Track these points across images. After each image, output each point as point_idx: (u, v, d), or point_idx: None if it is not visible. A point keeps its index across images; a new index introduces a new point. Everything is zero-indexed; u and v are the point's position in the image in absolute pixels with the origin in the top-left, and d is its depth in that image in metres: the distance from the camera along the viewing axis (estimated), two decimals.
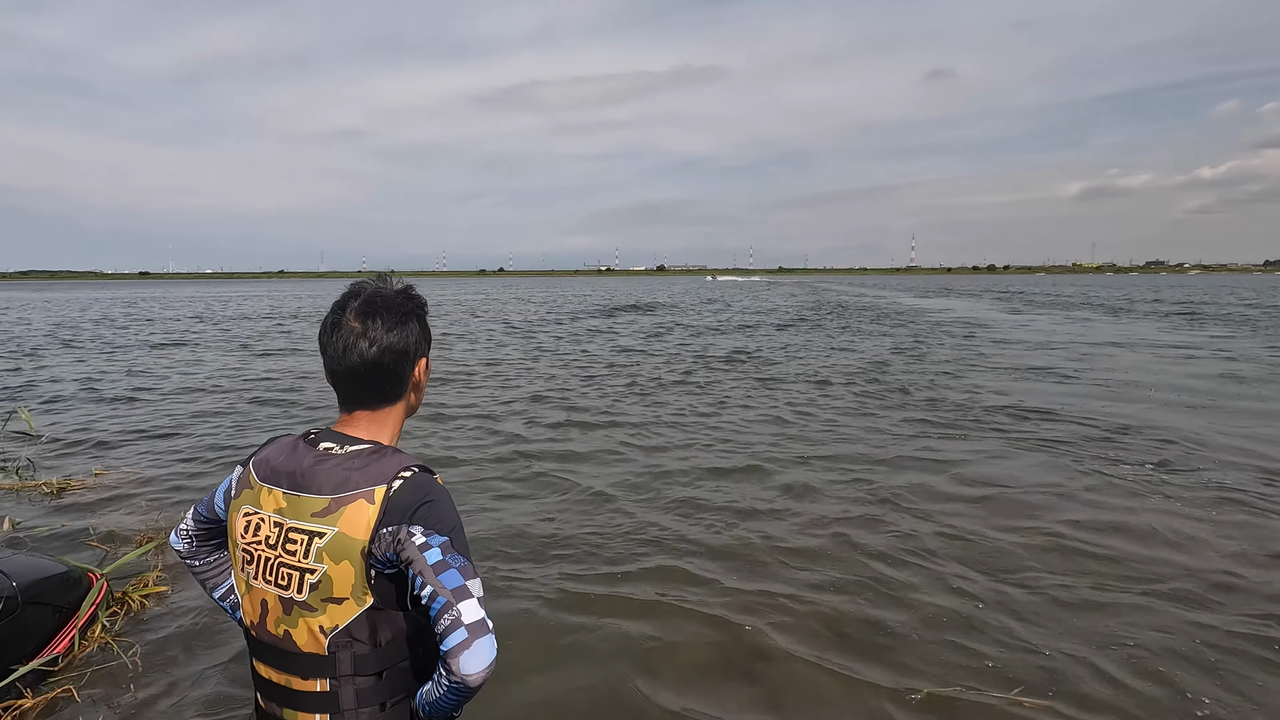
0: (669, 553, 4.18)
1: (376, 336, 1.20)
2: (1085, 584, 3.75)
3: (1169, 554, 4.11)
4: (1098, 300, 37.85)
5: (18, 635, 2.82)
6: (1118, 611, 3.45)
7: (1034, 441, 6.71)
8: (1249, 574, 3.83)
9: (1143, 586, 3.71)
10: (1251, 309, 29.02)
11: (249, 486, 1.21)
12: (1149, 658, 3.06)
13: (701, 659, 3.09)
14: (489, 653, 1.07)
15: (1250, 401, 8.78)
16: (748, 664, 3.05)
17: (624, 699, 2.82)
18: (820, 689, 2.87)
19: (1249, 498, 5.02)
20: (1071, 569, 3.93)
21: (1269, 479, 5.45)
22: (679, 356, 13.93)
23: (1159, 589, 3.69)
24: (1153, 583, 3.75)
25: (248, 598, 1.20)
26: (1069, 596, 3.61)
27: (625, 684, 2.90)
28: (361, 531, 1.10)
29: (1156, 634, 3.25)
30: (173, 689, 2.87)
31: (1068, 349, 14.67)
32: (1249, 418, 7.74)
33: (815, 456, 6.32)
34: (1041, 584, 3.75)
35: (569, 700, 2.82)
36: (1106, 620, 3.37)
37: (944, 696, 2.79)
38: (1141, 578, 3.81)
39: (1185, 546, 4.21)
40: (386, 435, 1.26)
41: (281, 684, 1.17)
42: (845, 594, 3.67)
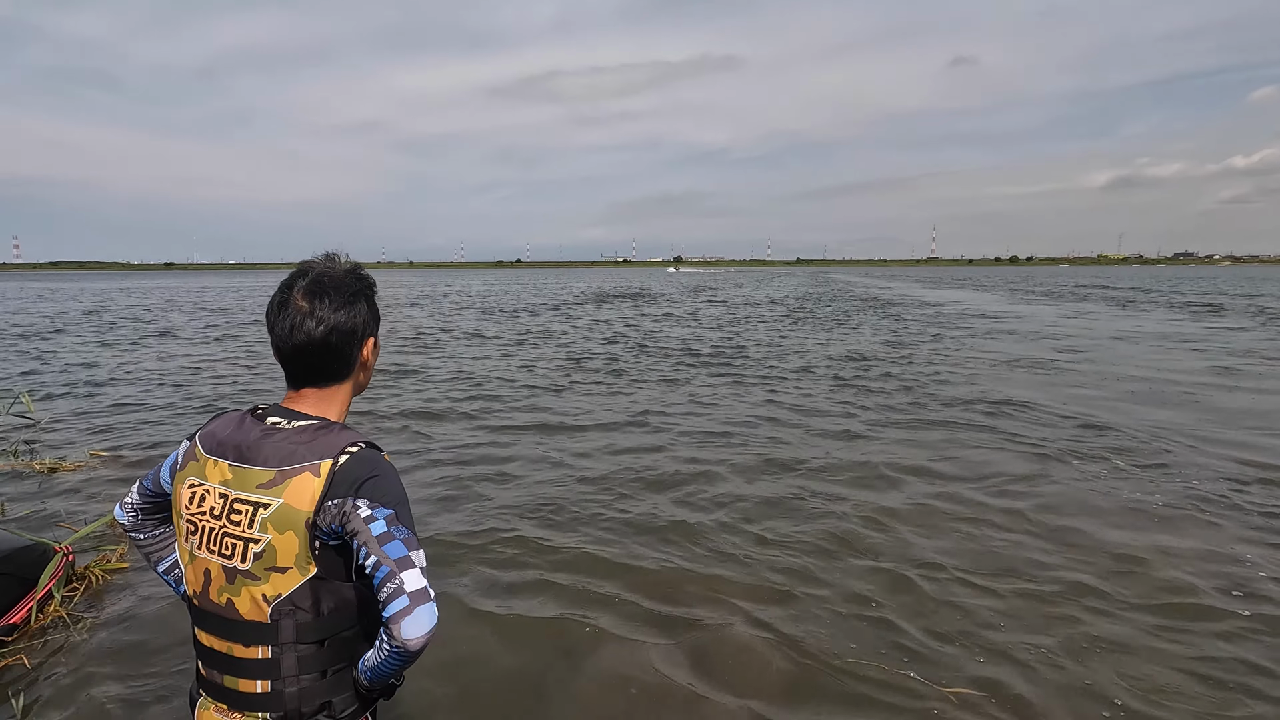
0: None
1: (324, 316, 1.21)
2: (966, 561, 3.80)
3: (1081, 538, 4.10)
4: (1112, 293, 37.05)
5: None
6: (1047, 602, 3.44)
7: (989, 432, 6.68)
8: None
9: (1045, 574, 3.71)
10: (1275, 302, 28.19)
11: (194, 459, 1.23)
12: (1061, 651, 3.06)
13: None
14: (430, 619, 1.10)
15: (1223, 395, 8.63)
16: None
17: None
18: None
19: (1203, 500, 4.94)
20: (963, 549, 4.01)
21: (1217, 474, 5.38)
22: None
23: (1062, 576, 3.68)
24: (1056, 569, 3.75)
25: (190, 567, 1.23)
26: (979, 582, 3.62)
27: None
28: (306, 503, 1.13)
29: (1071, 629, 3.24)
30: (121, 661, 2.97)
31: (1061, 340, 14.46)
32: (1220, 414, 7.61)
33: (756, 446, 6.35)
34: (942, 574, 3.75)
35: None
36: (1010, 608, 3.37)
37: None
38: (1049, 564, 3.81)
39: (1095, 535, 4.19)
40: (334, 412, 1.28)
41: (223, 651, 1.20)
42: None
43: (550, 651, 3.04)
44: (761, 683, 2.84)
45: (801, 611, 3.39)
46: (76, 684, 2.81)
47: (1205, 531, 4.29)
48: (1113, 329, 16.97)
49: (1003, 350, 12.91)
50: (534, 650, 3.05)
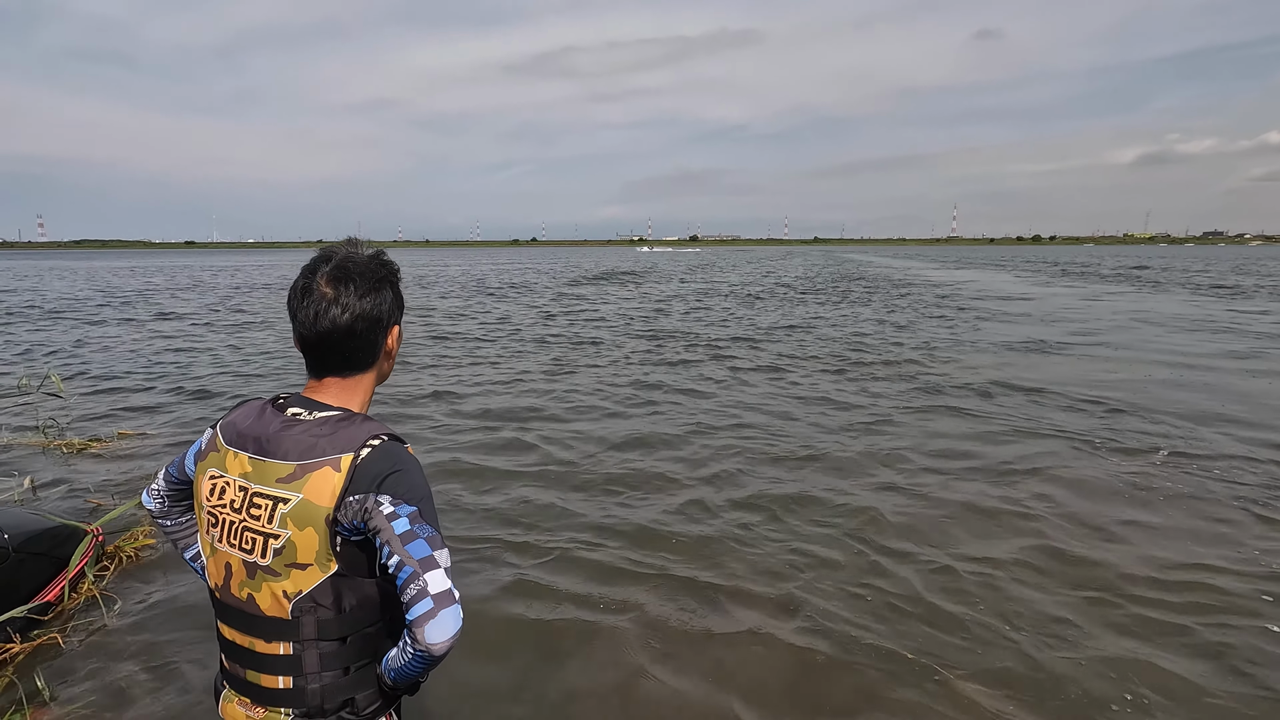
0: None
1: (349, 303, 1.18)
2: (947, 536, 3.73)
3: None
4: (1134, 271, 36.29)
5: (8, 584, 2.99)
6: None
7: (978, 413, 6.56)
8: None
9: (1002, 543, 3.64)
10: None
11: (215, 450, 1.22)
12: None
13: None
14: (454, 623, 1.08)
15: (1207, 375, 8.42)
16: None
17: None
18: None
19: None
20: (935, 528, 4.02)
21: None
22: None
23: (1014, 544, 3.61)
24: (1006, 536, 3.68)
25: (212, 560, 1.22)
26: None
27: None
28: (326, 499, 1.10)
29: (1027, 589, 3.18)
30: (150, 641, 3.01)
31: (1063, 323, 14.18)
32: (1235, 399, 7.44)
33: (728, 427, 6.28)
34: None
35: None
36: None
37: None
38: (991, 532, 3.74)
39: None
40: (357, 402, 1.25)
41: (245, 646, 1.19)
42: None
43: (548, 652, 3.03)
44: (771, 680, 2.82)
45: (817, 610, 3.35)
46: (108, 663, 2.86)
47: (1219, 515, 4.20)
48: (1127, 309, 16.65)
49: (1015, 334, 12.70)
50: (532, 650, 3.04)
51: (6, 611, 2.88)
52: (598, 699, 2.69)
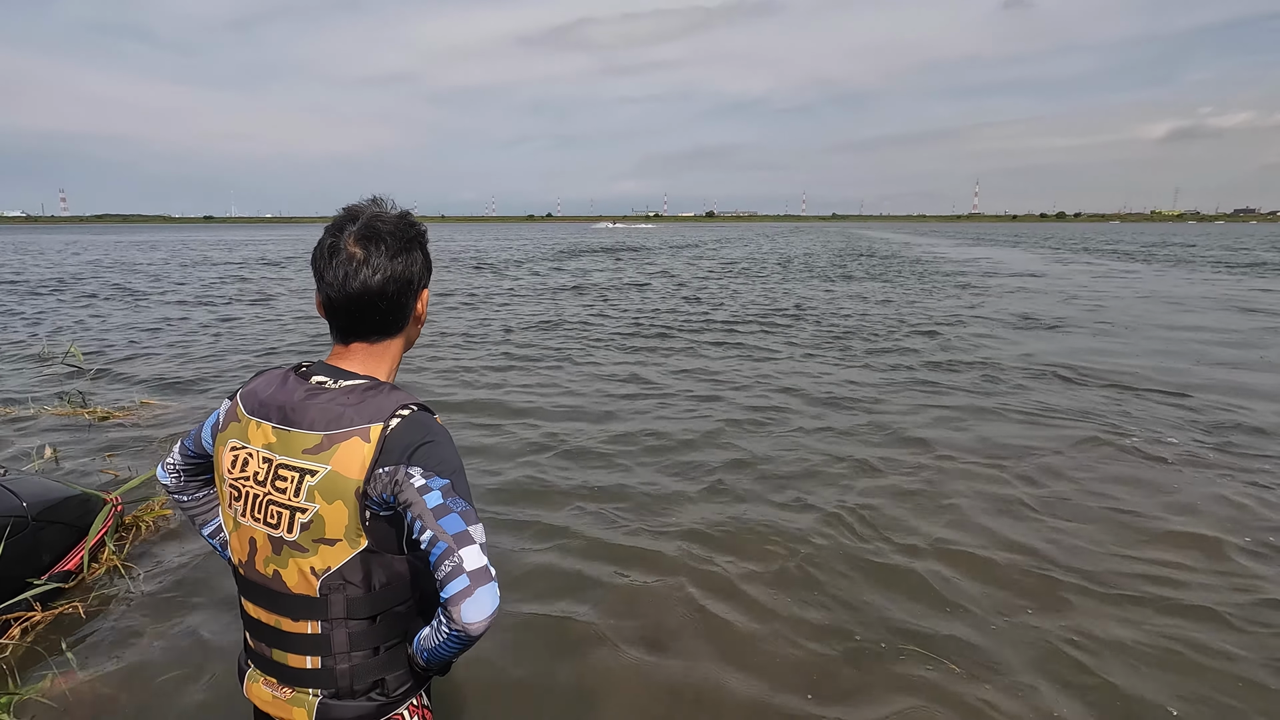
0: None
1: (380, 264, 1.12)
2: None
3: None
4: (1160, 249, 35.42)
5: (28, 553, 2.96)
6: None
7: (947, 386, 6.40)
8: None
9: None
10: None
11: (236, 420, 1.16)
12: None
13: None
14: (491, 601, 1.03)
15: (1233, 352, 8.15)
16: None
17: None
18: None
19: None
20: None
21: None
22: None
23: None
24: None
25: (235, 535, 1.17)
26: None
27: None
28: (356, 471, 1.05)
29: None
30: (172, 614, 2.98)
31: (1065, 300, 13.86)
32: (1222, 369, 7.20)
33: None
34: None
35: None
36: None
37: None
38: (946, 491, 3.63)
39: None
40: (384, 370, 1.20)
41: (271, 624, 1.15)
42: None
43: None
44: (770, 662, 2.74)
45: (815, 593, 3.26)
46: (130, 633, 2.84)
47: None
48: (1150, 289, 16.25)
49: (1018, 310, 12.43)
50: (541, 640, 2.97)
51: (26, 576, 2.87)
52: (627, 678, 2.62)
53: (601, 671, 2.65)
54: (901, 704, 2.46)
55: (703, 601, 3.08)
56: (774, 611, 3.01)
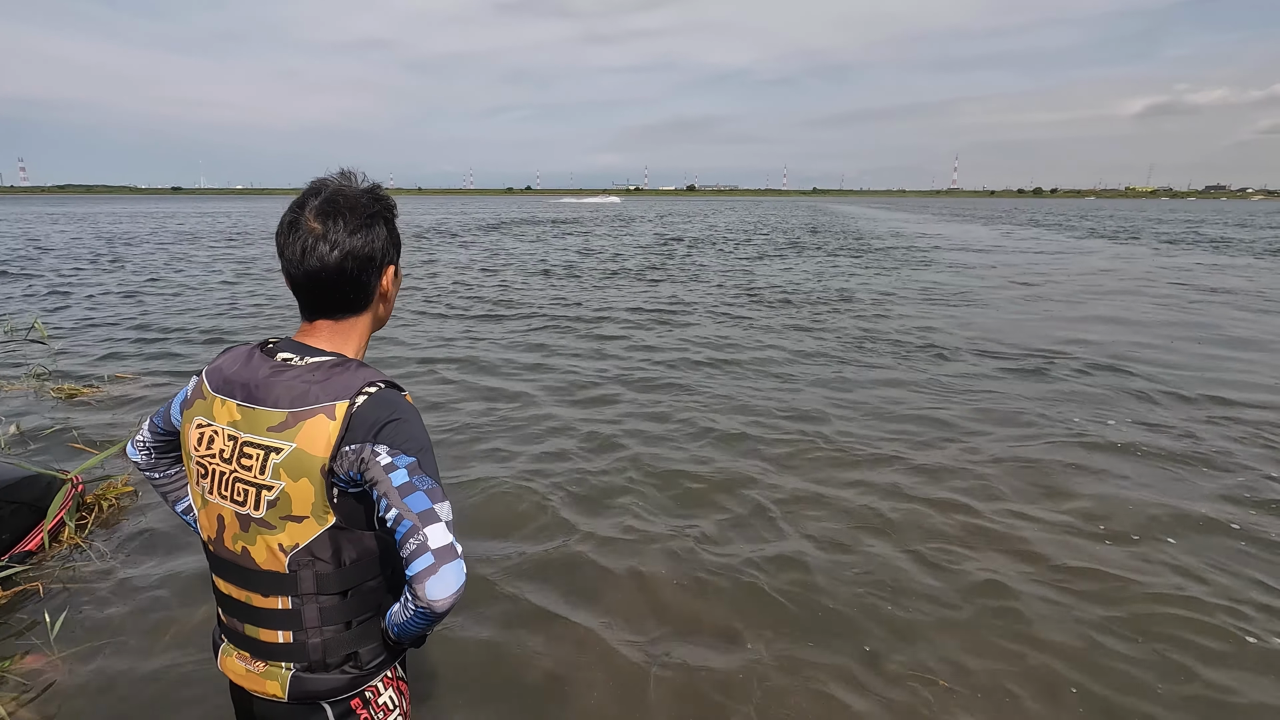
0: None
1: (338, 239, 1.10)
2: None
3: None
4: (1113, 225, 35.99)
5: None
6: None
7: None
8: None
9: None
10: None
11: (201, 397, 1.16)
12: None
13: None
14: (456, 578, 1.04)
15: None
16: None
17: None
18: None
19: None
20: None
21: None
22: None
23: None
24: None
25: (204, 512, 1.17)
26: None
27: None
28: (321, 449, 1.05)
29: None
30: (137, 591, 2.99)
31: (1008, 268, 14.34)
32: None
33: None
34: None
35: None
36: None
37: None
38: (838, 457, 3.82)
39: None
40: (352, 347, 1.19)
41: (242, 600, 1.16)
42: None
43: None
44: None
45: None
46: (94, 611, 2.84)
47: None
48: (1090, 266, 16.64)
49: (946, 283, 12.70)
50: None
51: None
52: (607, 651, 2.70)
53: (573, 641, 2.72)
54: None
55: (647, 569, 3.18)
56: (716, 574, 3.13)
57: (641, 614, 2.91)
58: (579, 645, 2.71)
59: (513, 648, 2.69)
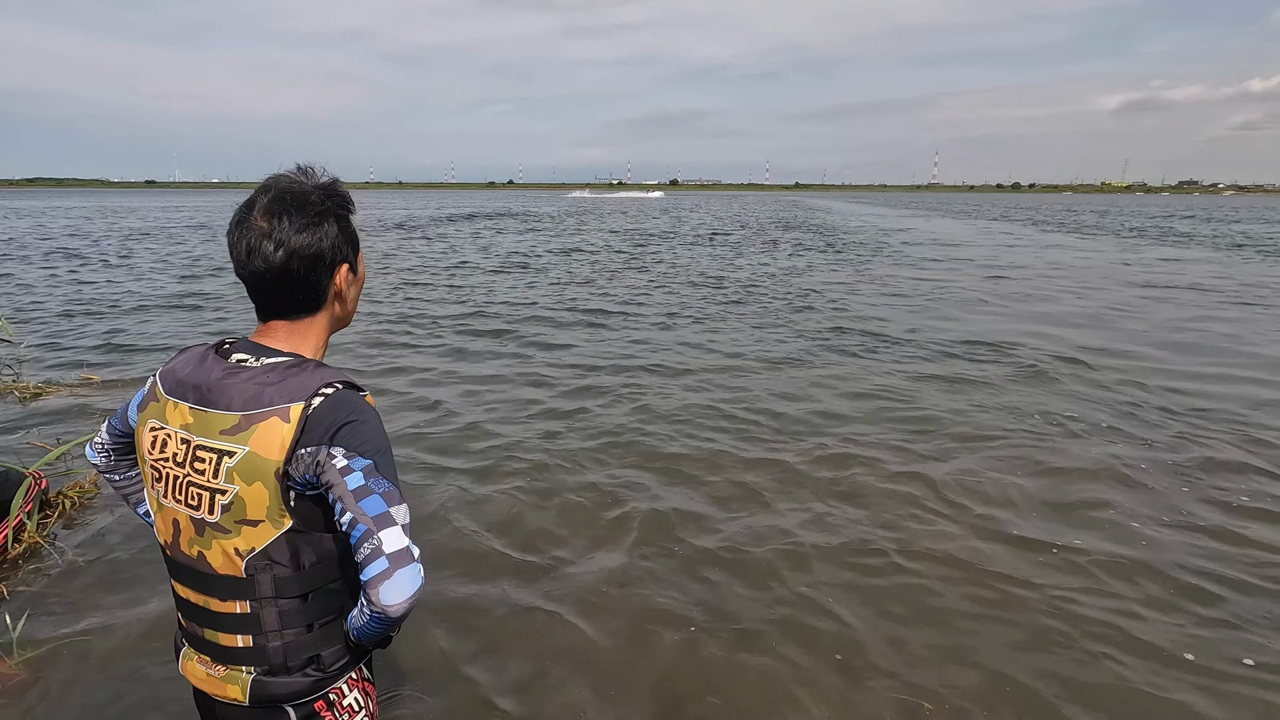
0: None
1: (283, 238, 1.07)
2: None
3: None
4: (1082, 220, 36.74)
5: None
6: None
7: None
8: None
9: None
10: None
11: (155, 399, 1.13)
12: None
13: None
14: (411, 583, 1.03)
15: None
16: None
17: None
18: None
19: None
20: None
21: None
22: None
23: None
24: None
25: (159, 516, 1.16)
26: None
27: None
28: (275, 452, 1.03)
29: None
30: (99, 592, 2.92)
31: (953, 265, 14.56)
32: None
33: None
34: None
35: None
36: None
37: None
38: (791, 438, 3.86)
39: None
40: (309, 347, 1.16)
41: (200, 605, 1.14)
42: None
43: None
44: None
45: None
46: (57, 613, 2.77)
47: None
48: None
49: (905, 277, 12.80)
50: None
51: None
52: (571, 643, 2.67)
53: (548, 637, 2.70)
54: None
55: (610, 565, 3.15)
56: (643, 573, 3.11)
57: (605, 615, 2.88)
58: (552, 641, 2.69)
59: (482, 643, 2.66)
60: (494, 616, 2.83)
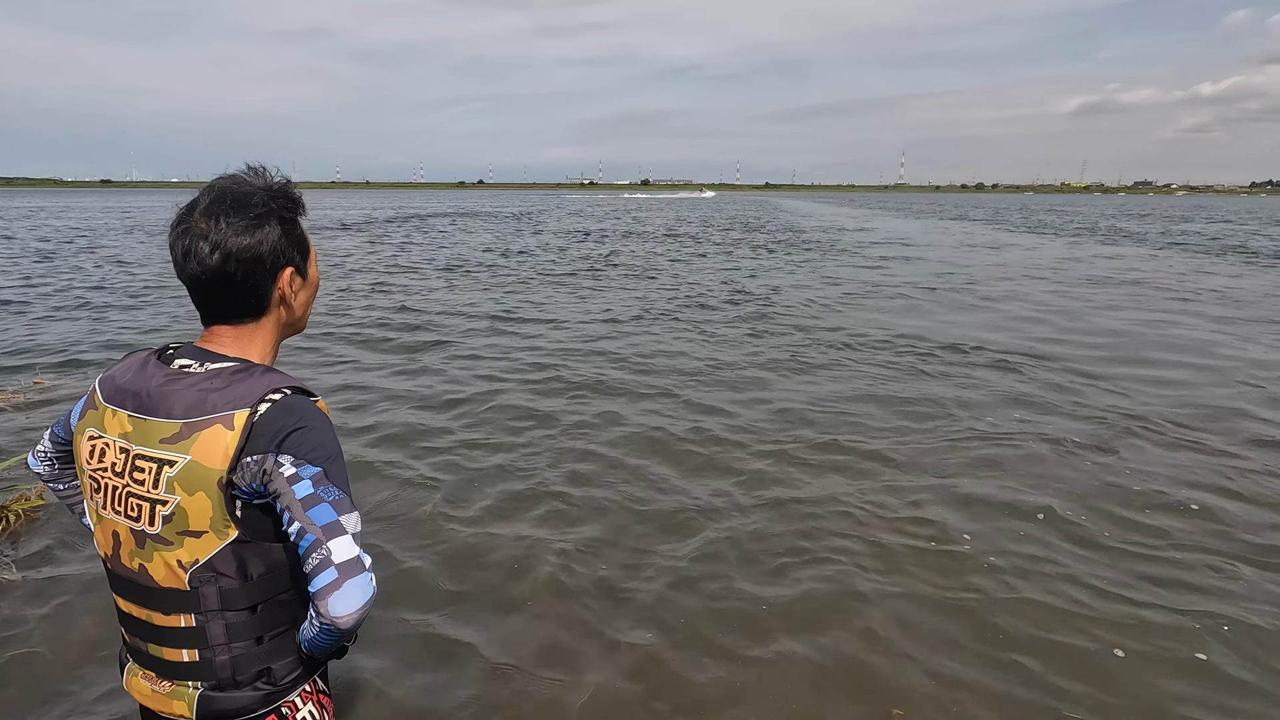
0: None
1: (220, 240, 1.04)
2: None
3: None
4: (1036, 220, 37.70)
5: None
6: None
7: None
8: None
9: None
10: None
11: (94, 407, 1.10)
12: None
13: None
14: (361, 594, 1.00)
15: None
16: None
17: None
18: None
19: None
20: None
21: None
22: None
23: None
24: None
25: (99, 528, 1.12)
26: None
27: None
28: (218, 461, 1.00)
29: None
30: (46, 608, 2.87)
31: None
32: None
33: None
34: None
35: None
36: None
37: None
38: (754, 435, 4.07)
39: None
40: (256, 353, 1.13)
41: (143, 619, 1.10)
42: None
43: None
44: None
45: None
46: (2, 631, 2.73)
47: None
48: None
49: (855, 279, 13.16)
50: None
51: None
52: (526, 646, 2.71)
53: (502, 647, 2.73)
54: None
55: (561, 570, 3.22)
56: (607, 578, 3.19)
57: (560, 624, 2.92)
58: (509, 655, 2.72)
59: (442, 656, 2.68)
60: (455, 619, 2.85)
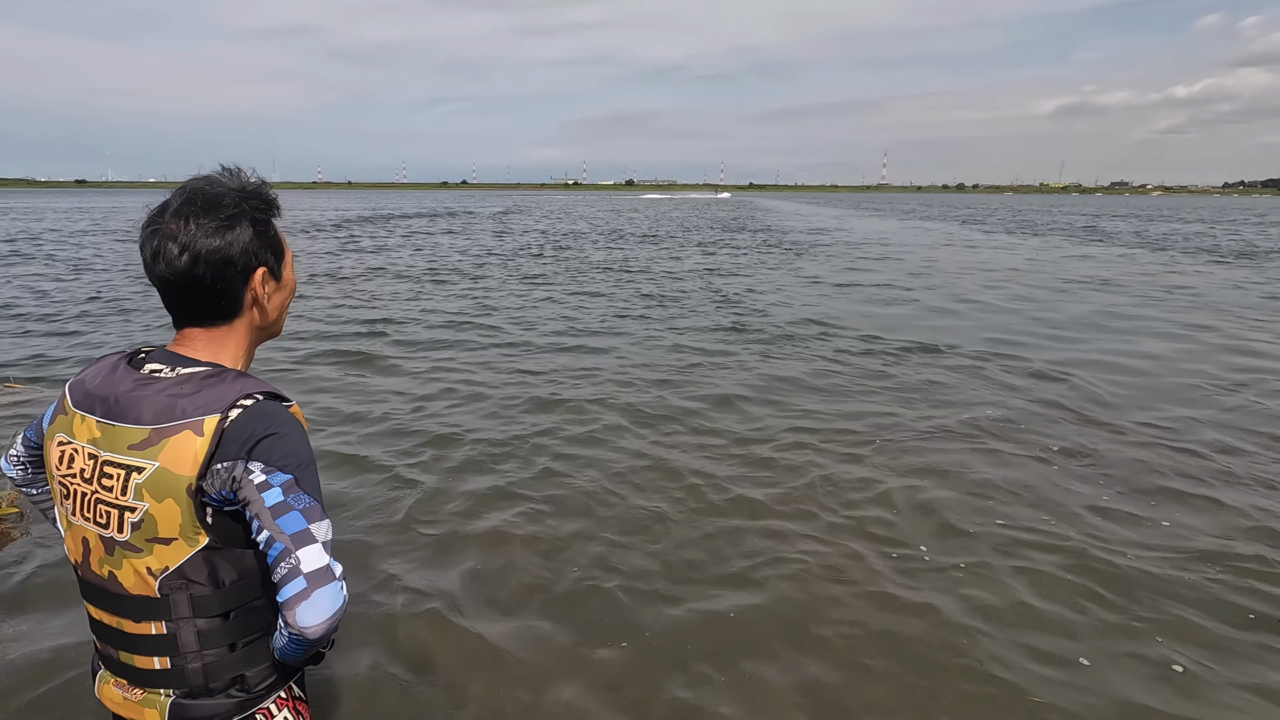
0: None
1: (189, 241, 1.02)
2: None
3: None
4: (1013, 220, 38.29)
5: None
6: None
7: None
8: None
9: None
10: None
11: (63, 413, 1.08)
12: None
13: None
14: (330, 604, 0.98)
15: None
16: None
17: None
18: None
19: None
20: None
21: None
22: None
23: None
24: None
25: (69, 535, 1.11)
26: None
27: None
28: (188, 467, 0.99)
29: None
30: (18, 615, 2.84)
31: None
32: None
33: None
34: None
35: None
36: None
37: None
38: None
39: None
40: (228, 357, 1.11)
41: (113, 626, 1.09)
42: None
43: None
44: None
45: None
46: None
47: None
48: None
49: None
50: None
51: None
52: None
53: (475, 651, 2.72)
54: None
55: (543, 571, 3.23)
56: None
57: (540, 618, 2.92)
58: (487, 653, 2.71)
59: (420, 661, 2.67)
60: (436, 621, 2.83)
